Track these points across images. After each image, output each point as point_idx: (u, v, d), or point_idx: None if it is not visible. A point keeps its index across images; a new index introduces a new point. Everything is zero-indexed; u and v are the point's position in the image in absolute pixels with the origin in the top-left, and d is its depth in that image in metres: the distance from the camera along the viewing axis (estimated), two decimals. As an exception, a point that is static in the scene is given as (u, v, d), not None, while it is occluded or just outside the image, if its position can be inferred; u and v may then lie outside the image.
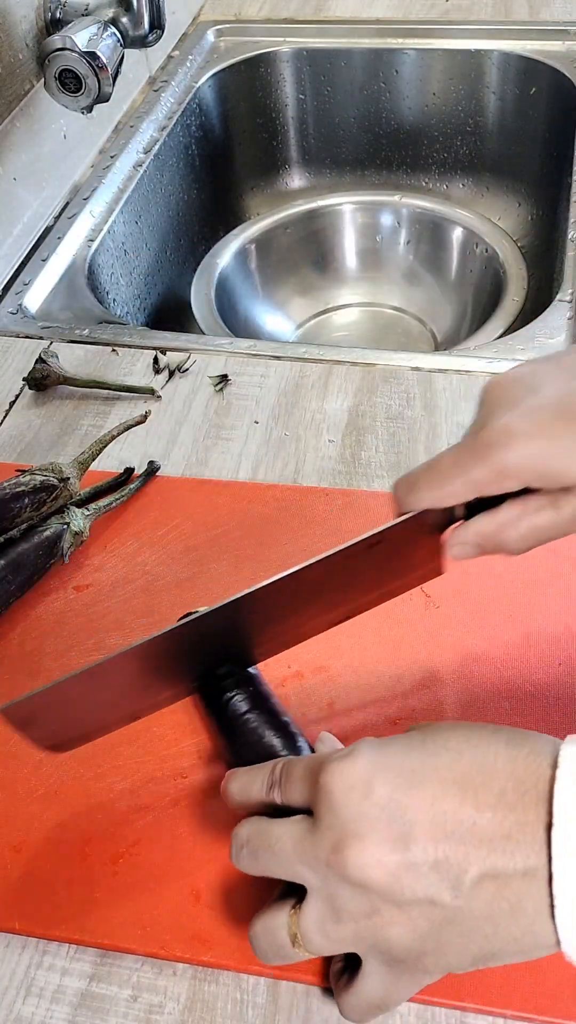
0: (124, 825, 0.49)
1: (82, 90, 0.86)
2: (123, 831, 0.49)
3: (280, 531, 0.63)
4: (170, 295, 1.13)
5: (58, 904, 0.47)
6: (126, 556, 0.62)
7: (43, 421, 0.74)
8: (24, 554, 0.59)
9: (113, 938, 0.45)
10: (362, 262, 1.22)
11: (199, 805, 0.49)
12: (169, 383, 0.76)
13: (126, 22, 0.89)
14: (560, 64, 1.11)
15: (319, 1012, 0.43)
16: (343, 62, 1.20)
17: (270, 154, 1.29)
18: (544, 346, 0.76)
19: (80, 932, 0.46)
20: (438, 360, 0.76)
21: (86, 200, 0.98)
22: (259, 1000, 0.44)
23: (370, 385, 0.74)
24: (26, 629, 0.59)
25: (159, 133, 1.09)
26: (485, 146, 1.22)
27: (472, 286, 1.14)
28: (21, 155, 0.90)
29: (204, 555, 0.62)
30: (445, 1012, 0.43)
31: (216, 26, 1.24)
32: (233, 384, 0.75)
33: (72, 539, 0.61)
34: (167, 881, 0.47)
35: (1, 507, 0.58)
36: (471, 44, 1.16)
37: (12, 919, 0.46)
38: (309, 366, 0.76)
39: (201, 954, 0.44)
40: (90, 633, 0.58)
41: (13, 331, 0.83)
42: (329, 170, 1.30)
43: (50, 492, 0.60)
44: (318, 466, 0.68)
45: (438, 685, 0.53)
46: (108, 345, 0.80)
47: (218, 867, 0.47)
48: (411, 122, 1.23)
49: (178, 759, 0.51)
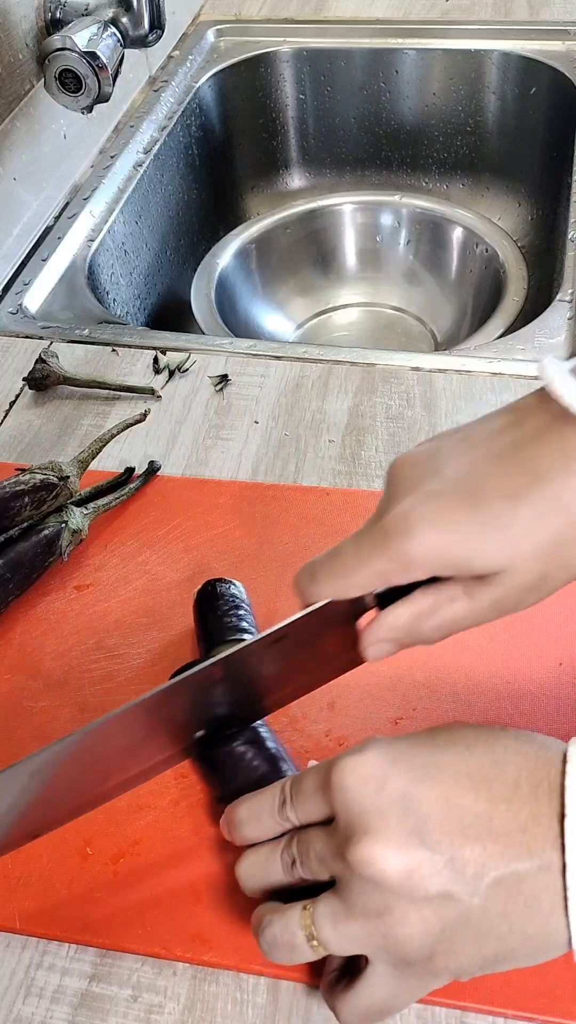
0: (125, 824, 0.49)
1: (82, 90, 0.86)
2: (124, 830, 0.49)
3: (280, 531, 0.63)
4: (170, 295, 1.13)
5: (59, 903, 0.47)
6: (126, 556, 0.62)
7: (43, 421, 0.74)
8: (22, 552, 0.59)
9: (114, 938, 0.45)
10: (362, 262, 1.22)
11: (200, 804, 0.49)
12: (169, 383, 0.76)
13: (126, 22, 0.89)
14: (560, 64, 1.11)
15: (319, 1012, 0.43)
16: (343, 62, 1.20)
17: (270, 154, 1.29)
18: (544, 346, 0.76)
19: (81, 932, 0.46)
20: (438, 360, 0.76)
21: (86, 200, 0.98)
22: (259, 1000, 0.44)
23: (370, 385, 0.74)
24: (26, 629, 0.59)
25: (159, 133, 1.09)
26: (485, 146, 1.22)
27: (472, 286, 1.14)
28: (21, 155, 0.90)
29: (204, 555, 0.62)
30: (445, 1012, 0.43)
31: (216, 26, 1.24)
32: (233, 384, 0.75)
33: (70, 537, 0.61)
34: (168, 881, 0.47)
35: (1, 506, 0.58)
36: (471, 44, 1.16)
37: (13, 918, 0.46)
38: (309, 366, 0.76)
39: (202, 954, 0.44)
40: (90, 633, 0.58)
41: (13, 331, 0.83)
42: (329, 170, 1.30)
43: (50, 491, 0.60)
44: (318, 466, 0.68)
45: (438, 685, 0.53)
46: (108, 345, 0.80)
47: (219, 867, 0.47)
48: (411, 122, 1.23)
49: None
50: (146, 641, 0.57)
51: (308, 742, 0.51)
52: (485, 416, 0.40)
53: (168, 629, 0.58)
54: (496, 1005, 0.42)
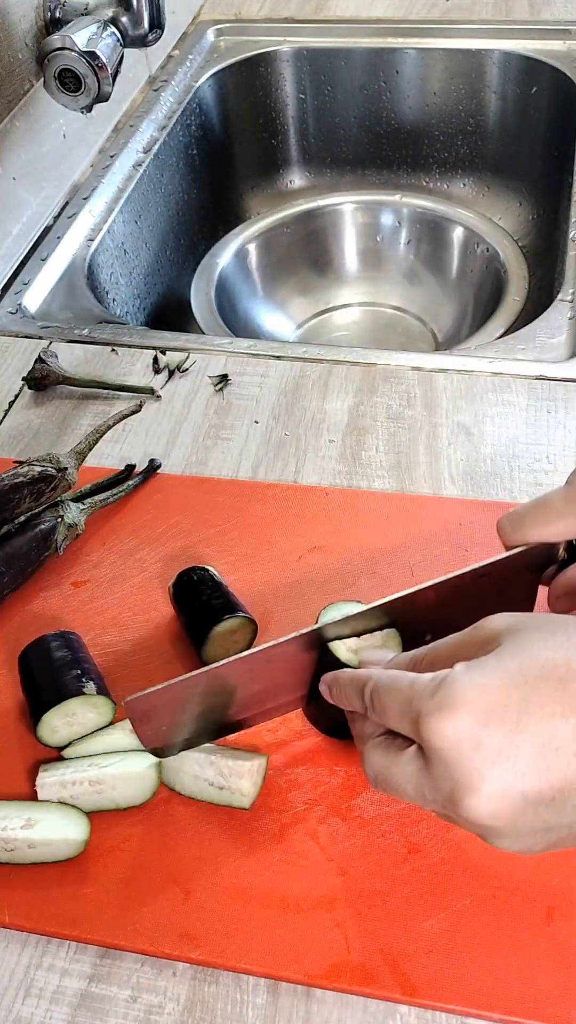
0: (117, 821, 0.49)
1: (82, 90, 0.86)
2: (116, 827, 0.49)
3: (279, 530, 0.62)
4: (170, 295, 1.13)
5: (49, 899, 0.46)
6: (124, 553, 0.62)
7: (42, 421, 0.73)
8: (17, 546, 0.59)
9: (103, 934, 0.45)
10: (362, 262, 1.22)
11: (193, 803, 0.49)
12: (169, 383, 0.76)
13: (126, 21, 0.89)
14: (561, 63, 1.11)
15: (319, 1013, 0.43)
16: (343, 62, 1.20)
17: (270, 154, 1.29)
18: (545, 346, 0.76)
19: (71, 927, 0.46)
20: (439, 360, 0.76)
21: (86, 200, 0.98)
22: (259, 1000, 0.44)
23: (370, 385, 0.74)
24: (22, 624, 0.59)
25: (159, 133, 1.09)
26: (486, 145, 1.22)
27: (473, 286, 1.14)
28: (20, 155, 0.90)
29: (202, 553, 0.61)
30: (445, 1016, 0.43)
31: (216, 25, 1.24)
32: (233, 384, 0.75)
33: (66, 532, 0.61)
34: (158, 879, 0.47)
35: (0, 498, 0.58)
36: (472, 44, 1.16)
37: (2, 911, 0.46)
38: (309, 366, 0.76)
39: (190, 952, 0.44)
40: (86, 630, 0.58)
41: (12, 331, 0.83)
42: (329, 170, 1.30)
43: (48, 482, 0.60)
44: (318, 466, 0.68)
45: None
46: (108, 345, 0.80)
47: (208, 866, 0.47)
48: (412, 122, 1.23)
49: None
50: (142, 638, 0.57)
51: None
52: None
53: (164, 627, 0.58)
54: (484, 1008, 0.42)
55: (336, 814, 0.48)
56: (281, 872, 0.47)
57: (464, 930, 0.44)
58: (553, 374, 0.73)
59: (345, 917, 0.45)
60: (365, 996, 0.43)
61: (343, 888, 0.46)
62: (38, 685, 0.52)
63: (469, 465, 0.66)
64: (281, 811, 0.49)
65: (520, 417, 0.69)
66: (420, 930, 0.44)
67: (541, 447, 0.67)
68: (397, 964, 0.43)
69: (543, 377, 0.73)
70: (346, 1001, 0.43)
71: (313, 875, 0.46)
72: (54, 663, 0.52)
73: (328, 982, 0.43)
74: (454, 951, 0.43)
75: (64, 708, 0.50)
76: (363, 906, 0.45)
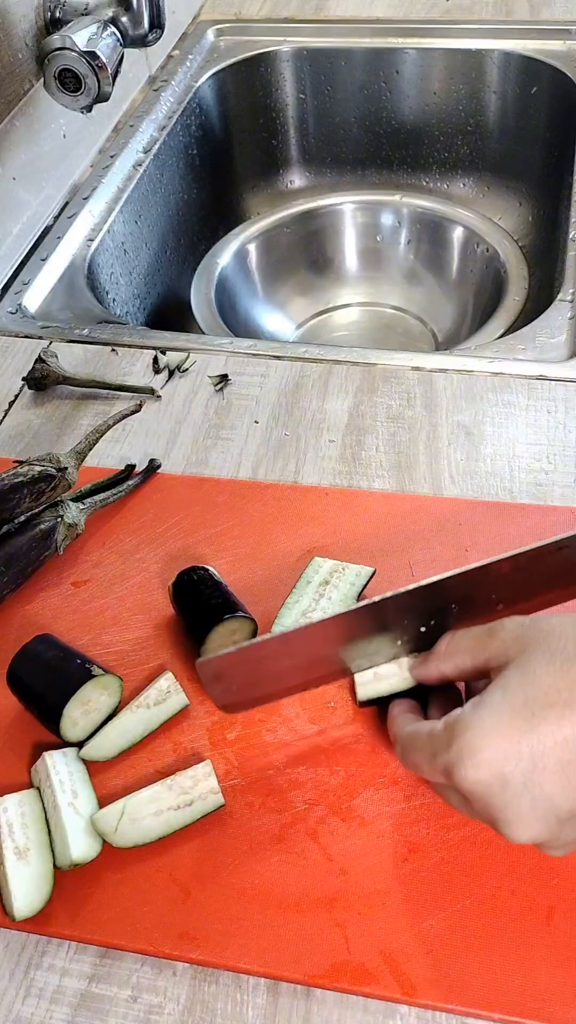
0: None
1: (82, 90, 0.86)
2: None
3: (279, 530, 0.62)
4: (170, 295, 1.13)
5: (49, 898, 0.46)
6: (124, 552, 0.62)
7: (42, 421, 0.73)
8: (17, 546, 0.59)
9: (103, 934, 0.45)
10: (362, 262, 1.22)
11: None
12: (169, 383, 0.76)
13: (126, 21, 0.89)
14: (561, 63, 1.11)
15: (319, 1013, 0.43)
16: (343, 61, 1.20)
17: (270, 154, 1.29)
18: (545, 345, 0.76)
19: (70, 927, 0.46)
20: (439, 360, 0.76)
21: (86, 200, 0.98)
22: (259, 1000, 0.44)
23: (370, 385, 0.74)
24: (23, 623, 0.59)
25: (159, 133, 1.09)
26: (486, 145, 1.22)
27: (473, 286, 1.14)
28: (20, 155, 0.90)
29: (202, 553, 0.61)
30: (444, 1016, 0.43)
31: (216, 25, 1.24)
32: (233, 384, 0.75)
33: (66, 531, 0.61)
34: (157, 879, 0.47)
35: (0, 498, 0.58)
36: (472, 44, 1.16)
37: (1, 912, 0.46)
38: (309, 366, 0.76)
39: (190, 952, 0.44)
40: (86, 629, 0.58)
41: (12, 331, 0.83)
42: (329, 170, 1.30)
43: (48, 482, 0.60)
44: (318, 466, 0.68)
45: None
46: (108, 345, 0.80)
47: (208, 866, 0.47)
48: (412, 121, 1.23)
49: (163, 757, 0.51)
50: (142, 638, 0.57)
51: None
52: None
53: (164, 626, 0.58)
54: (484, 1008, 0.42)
55: (336, 814, 0.48)
56: (281, 872, 0.47)
57: (464, 930, 0.44)
58: (553, 374, 0.73)
59: (345, 917, 0.45)
60: (365, 996, 0.43)
61: (343, 888, 0.46)
62: (41, 691, 0.52)
63: (469, 465, 0.66)
64: (281, 811, 0.49)
65: (520, 417, 0.69)
66: (420, 930, 0.44)
67: (541, 447, 0.67)
68: (397, 964, 0.43)
69: (543, 377, 0.73)
70: (346, 1001, 0.43)
71: (313, 875, 0.46)
72: (50, 663, 0.52)
73: (328, 982, 0.43)
74: (454, 951, 0.44)
75: (80, 696, 0.50)
76: (363, 906, 0.45)
